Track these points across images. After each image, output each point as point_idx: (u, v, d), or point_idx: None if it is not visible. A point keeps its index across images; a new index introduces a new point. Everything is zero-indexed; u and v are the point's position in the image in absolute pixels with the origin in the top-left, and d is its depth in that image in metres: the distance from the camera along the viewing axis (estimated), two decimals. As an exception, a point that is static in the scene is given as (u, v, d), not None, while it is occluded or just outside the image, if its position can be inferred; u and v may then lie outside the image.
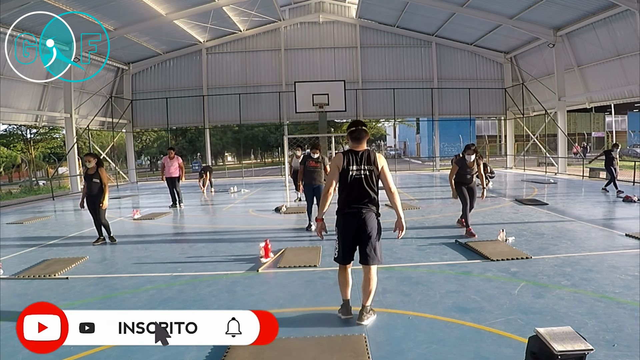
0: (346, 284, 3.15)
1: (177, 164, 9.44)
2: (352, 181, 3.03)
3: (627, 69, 13.54)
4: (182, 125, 20.70)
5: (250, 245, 5.63)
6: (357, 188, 3.03)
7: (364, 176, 3.03)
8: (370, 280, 3.06)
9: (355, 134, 3.07)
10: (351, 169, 3.02)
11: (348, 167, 3.02)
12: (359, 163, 3.03)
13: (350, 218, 3.05)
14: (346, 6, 19.65)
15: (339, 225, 3.10)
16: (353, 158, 3.03)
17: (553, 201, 9.01)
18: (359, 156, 3.04)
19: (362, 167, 3.02)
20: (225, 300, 3.68)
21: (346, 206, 3.06)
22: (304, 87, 16.18)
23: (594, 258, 4.52)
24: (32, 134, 27.10)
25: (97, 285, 4.25)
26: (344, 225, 3.06)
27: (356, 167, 3.02)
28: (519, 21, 15.25)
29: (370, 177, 3.05)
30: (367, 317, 3.05)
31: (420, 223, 6.91)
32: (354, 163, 3.02)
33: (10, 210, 11.18)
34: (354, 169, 3.02)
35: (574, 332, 2.24)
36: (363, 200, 3.05)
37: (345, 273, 3.13)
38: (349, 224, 3.05)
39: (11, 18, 10.52)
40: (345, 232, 3.05)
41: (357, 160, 3.03)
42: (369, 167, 3.04)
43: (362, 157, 3.04)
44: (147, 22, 15.36)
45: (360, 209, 3.05)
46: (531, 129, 19.62)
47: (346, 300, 3.16)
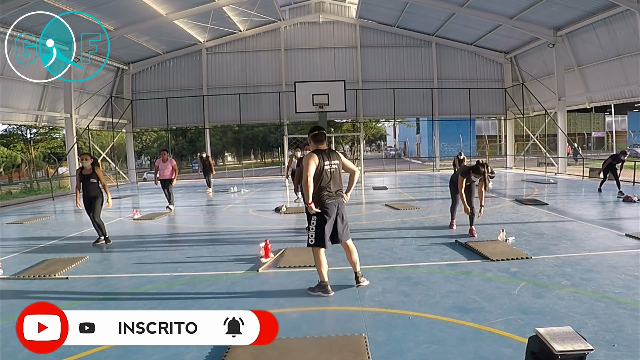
0: (325, 266, 3.65)
1: (171, 166, 9.32)
2: (329, 174, 3.57)
3: (627, 69, 13.54)
4: (182, 125, 20.72)
5: (250, 245, 5.63)
6: (333, 180, 3.60)
7: (334, 169, 3.61)
8: (353, 250, 3.78)
9: (318, 137, 3.65)
10: (326, 165, 3.55)
11: (323, 163, 3.54)
12: (330, 159, 3.59)
13: (333, 206, 3.60)
14: (346, 6, 19.65)
15: (320, 213, 3.55)
16: (325, 155, 3.57)
17: (553, 201, 9.01)
18: (327, 154, 3.60)
19: (332, 162, 3.60)
20: (225, 300, 3.68)
21: (327, 196, 3.57)
22: (304, 87, 16.18)
23: (594, 258, 4.52)
24: (32, 134, 27.08)
25: (97, 285, 4.25)
26: (328, 212, 3.57)
27: (329, 162, 3.57)
28: (519, 21, 15.25)
29: (338, 170, 3.66)
30: (363, 279, 3.81)
31: (420, 223, 6.91)
32: (326, 159, 3.56)
33: (10, 210, 11.18)
34: (327, 164, 3.56)
35: (574, 332, 2.24)
36: (337, 190, 3.65)
37: (323, 256, 3.64)
38: (332, 210, 3.59)
39: (11, 18, 10.52)
40: (329, 217, 3.57)
41: (328, 157, 3.59)
42: (337, 162, 3.64)
43: (330, 154, 3.62)
44: (147, 22, 15.36)
45: (337, 197, 3.64)
46: (531, 129, 19.62)
47: (325, 281, 3.64)
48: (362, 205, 9.74)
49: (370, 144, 55.62)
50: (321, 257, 3.62)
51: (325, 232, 3.57)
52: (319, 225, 3.56)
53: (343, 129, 25.81)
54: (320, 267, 3.63)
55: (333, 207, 3.59)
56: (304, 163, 3.52)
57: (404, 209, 8.39)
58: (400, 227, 6.63)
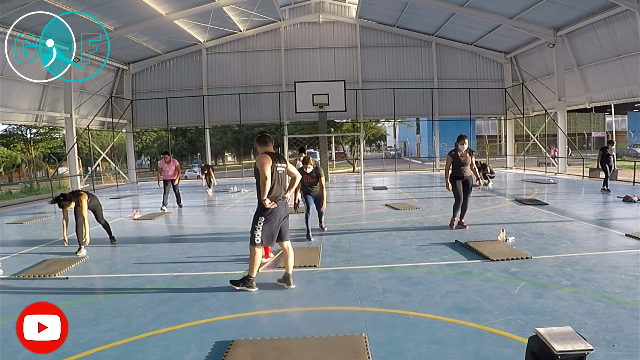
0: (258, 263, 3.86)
1: (174, 167, 9.44)
2: (279, 175, 3.77)
3: (627, 69, 13.54)
4: (182, 125, 20.73)
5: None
6: (281, 181, 3.81)
7: (282, 172, 3.81)
8: (290, 251, 3.96)
9: (263, 139, 3.84)
10: (278, 166, 3.75)
11: (275, 164, 3.73)
12: (279, 161, 3.78)
13: (281, 206, 3.80)
14: (346, 6, 19.65)
15: (269, 212, 3.72)
16: (275, 157, 3.76)
17: (553, 201, 9.01)
18: (276, 156, 3.79)
19: (281, 165, 3.79)
20: (225, 300, 3.68)
21: (277, 196, 3.76)
22: (304, 87, 16.18)
23: (594, 258, 4.52)
24: (32, 134, 27.09)
25: (97, 285, 4.25)
26: (277, 211, 3.74)
27: (279, 164, 3.77)
28: (519, 21, 15.25)
29: (285, 173, 3.87)
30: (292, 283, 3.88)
31: (420, 223, 6.91)
32: (277, 161, 3.76)
33: (10, 210, 11.18)
34: (278, 165, 3.75)
35: (574, 332, 2.24)
36: (283, 191, 3.85)
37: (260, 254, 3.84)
38: (279, 210, 3.77)
39: (11, 18, 10.52)
40: (278, 216, 3.76)
41: (278, 159, 3.78)
42: (284, 165, 3.85)
43: (278, 157, 3.82)
44: (147, 22, 15.36)
45: (284, 198, 3.85)
46: (531, 129, 19.62)
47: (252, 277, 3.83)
48: (362, 205, 9.74)
49: (370, 144, 55.57)
50: (258, 255, 3.82)
51: (272, 231, 3.76)
52: (268, 224, 3.72)
53: (343, 129, 25.80)
54: (254, 263, 3.80)
55: (281, 207, 3.79)
56: (260, 163, 3.68)
57: (404, 209, 8.38)
58: (400, 227, 6.63)
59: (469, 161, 6.11)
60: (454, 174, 6.18)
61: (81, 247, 5.53)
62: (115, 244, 6.05)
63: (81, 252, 5.48)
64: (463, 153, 6.10)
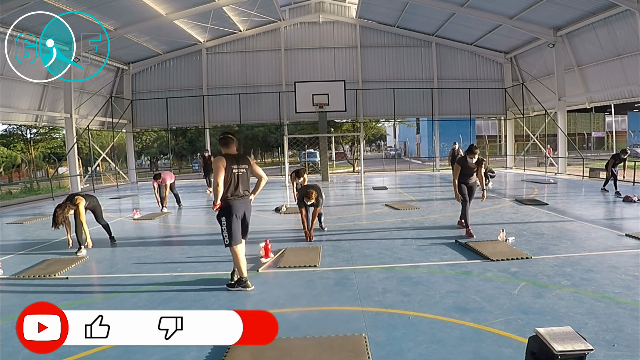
0: (243, 262, 3.88)
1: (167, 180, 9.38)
2: (237, 177, 3.81)
3: (627, 69, 13.53)
4: (182, 125, 20.74)
5: (250, 245, 5.61)
6: (241, 182, 3.84)
7: (242, 173, 3.85)
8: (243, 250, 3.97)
9: (224, 141, 3.88)
10: (234, 168, 3.80)
11: (231, 166, 3.78)
12: (238, 163, 3.83)
13: (239, 205, 3.85)
14: (346, 6, 19.64)
15: (228, 213, 3.80)
16: (233, 159, 3.81)
17: (553, 201, 9.01)
18: (235, 158, 3.84)
19: (240, 166, 3.84)
20: (225, 300, 3.68)
21: (235, 196, 3.82)
22: (304, 87, 16.18)
23: (594, 258, 4.52)
24: (32, 134, 27.08)
25: (97, 285, 4.25)
26: (236, 211, 3.82)
27: (236, 166, 3.81)
28: (519, 21, 15.25)
29: (246, 174, 3.90)
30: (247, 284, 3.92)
31: (420, 223, 6.91)
32: (234, 163, 3.81)
33: (10, 210, 11.18)
34: (235, 167, 3.80)
35: (574, 332, 2.24)
36: (244, 191, 3.89)
37: (241, 253, 3.88)
38: (238, 209, 3.84)
39: (11, 18, 10.51)
40: (237, 216, 3.83)
41: (236, 161, 3.83)
42: (245, 166, 3.88)
43: (239, 158, 3.87)
44: (147, 22, 15.35)
45: (244, 197, 3.89)
46: (531, 129, 19.61)
47: (245, 277, 3.89)
48: (362, 205, 9.74)
49: (370, 144, 55.57)
50: (239, 254, 3.86)
51: (235, 230, 3.84)
52: (228, 224, 3.81)
53: (343, 129, 25.79)
54: (239, 263, 3.86)
55: (239, 206, 3.86)
56: (214, 167, 3.76)
57: (404, 209, 8.38)
58: (400, 227, 6.63)
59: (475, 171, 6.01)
60: (459, 180, 6.06)
61: (81, 247, 5.53)
62: (115, 244, 6.05)
63: (81, 252, 5.47)
64: (472, 165, 5.95)
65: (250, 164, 3.95)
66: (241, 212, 3.87)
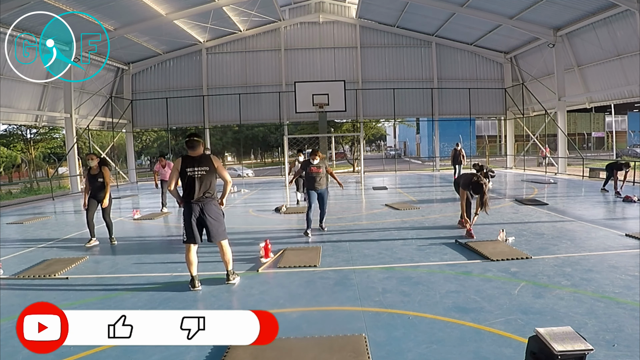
0: (192, 263, 3.91)
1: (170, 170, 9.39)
2: (192, 179, 3.80)
3: (627, 69, 13.54)
4: (182, 125, 20.73)
5: (250, 245, 5.63)
6: (197, 184, 3.81)
7: (201, 175, 3.82)
8: (224, 251, 3.99)
9: (188, 143, 3.87)
10: (189, 170, 3.80)
11: (186, 169, 3.80)
12: (197, 166, 3.81)
13: (196, 207, 3.84)
14: (346, 6, 19.65)
15: (185, 213, 3.88)
16: (191, 162, 3.82)
17: (553, 201, 9.01)
18: (196, 160, 3.83)
19: (198, 168, 3.81)
20: (225, 300, 3.68)
21: (190, 198, 3.83)
22: (304, 87, 16.18)
23: (594, 258, 4.52)
24: (32, 134, 27.07)
25: (97, 285, 4.25)
26: (189, 213, 3.85)
27: (192, 169, 3.80)
28: (519, 21, 15.25)
29: (207, 176, 3.84)
30: (233, 277, 4.05)
31: (420, 223, 6.91)
32: (190, 166, 3.80)
33: (10, 210, 11.17)
34: (190, 170, 3.80)
35: (574, 332, 2.24)
36: (205, 193, 3.85)
37: (191, 252, 3.90)
38: (194, 211, 3.84)
39: (11, 18, 10.52)
40: (190, 218, 3.84)
41: (197, 163, 3.82)
42: (205, 168, 3.84)
43: (199, 160, 3.83)
44: (147, 22, 15.36)
45: (203, 199, 3.84)
46: (531, 129, 19.62)
47: (193, 275, 3.91)
48: (362, 205, 9.73)
49: (370, 144, 55.55)
50: (188, 254, 3.90)
51: (190, 230, 3.84)
52: (185, 224, 3.87)
53: (343, 129, 25.79)
54: (188, 264, 3.92)
55: (196, 208, 3.83)
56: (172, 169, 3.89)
57: (404, 209, 8.38)
58: (400, 227, 6.63)
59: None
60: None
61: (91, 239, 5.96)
62: (114, 245, 6.04)
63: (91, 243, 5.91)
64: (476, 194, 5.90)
65: (213, 166, 3.87)
66: (197, 213, 3.84)
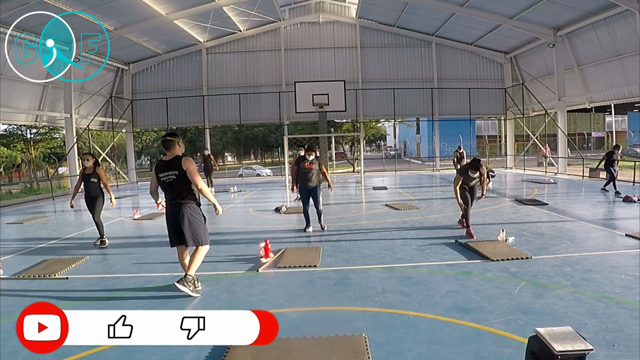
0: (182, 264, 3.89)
1: None
2: (165, 184, 3.71)
3: (627, 69, 13.54)
4: (182, 125, 20.76)
5: (250, 245, 5.63)
6: (169, 189, 3.70)
7: (171, 180, 3.67)
8: (195, 254, 3.80)
9: (163, 144, 3.77)
10: (160, 176, 3.70)
11: (158, 174, 3.71)
12: (167, 169, 3.68)
13: (169, 211, 3.75)
14: (346, 6, 19.65)
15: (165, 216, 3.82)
16: (162, 167, 3.71)
17: (553, 201, 9.01)
18: (166, 164, 3.69)
19: (167, 173, 3.68)
20: (225, 300, 3.68)
21: (167, 203, 3.78)
22: (304, 87, 16.18)
23: (594, 258, 4.52)
24: (32, 134, 27.07)
25: (97, 285, 4.25)
26: (166, 217, 3.79)
27: (163, 173, 3.69)
28: (519, 21, 15.25)
29: (177, 180, 3.67)
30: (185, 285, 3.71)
31: (420, 223, 6.91)
32: (162, 170, 3.70)
33: (10, 210, 11.18)
34: (161, 175, 3.70)
35: (574, 332, 2.24)
36: (176, 198, 3.70)
37: (180, 256, 3.89)
38: (169, 214, 3.75)
39: (11, 18, 10.52)
40: (168, 222, 3.78)
41: (165, 167, 3.69)
42: (174, 172, 3.66)
43: (169, 164, 3.68)
44: (147, 22, 15.36)
45: (174, 204, 3.71)
46: (531, 129, 19.62)
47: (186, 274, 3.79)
48: (362, 205, 9.74)
49: (370, 144, 55.56)
50: (178, 257, 3.91)
51: (169, 233, 3.81)
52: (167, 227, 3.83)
53: (343, 129, 25.80)
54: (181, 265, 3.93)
55: (171, 211, 3.73)
56: None
57: (404, 209, 8.38)
58: (400, 227, 6.63)
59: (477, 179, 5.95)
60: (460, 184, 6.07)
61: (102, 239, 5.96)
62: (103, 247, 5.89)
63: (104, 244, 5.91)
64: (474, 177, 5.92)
65: (182, 170, 3.62)
66: (171, 217, 3.74)
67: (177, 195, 3.69)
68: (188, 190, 3.70)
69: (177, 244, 3.82)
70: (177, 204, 3.70)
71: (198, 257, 3.79)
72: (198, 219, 3.75)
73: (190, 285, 3.73)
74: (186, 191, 3.70)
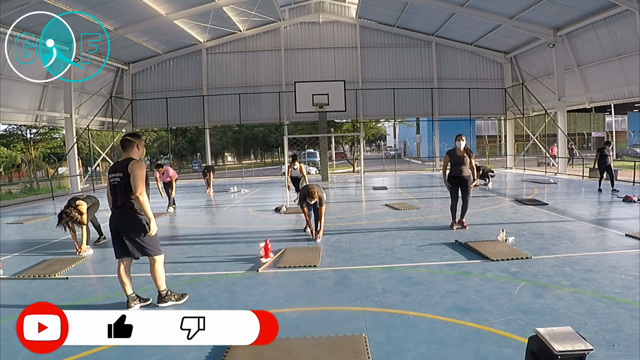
0: (123, 282, 3.45)
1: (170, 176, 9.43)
2: (111, 187, 3.40)
3: (627, 69, 13.54)
4: (182, 125, 20.78)
5: (250, 245, 5.63)
6: (115, 193, 3.37)
7: (117, 183, 3.33)
8: (153, 270, 3.48)
9: (121, 144, 3.45)
10: (110, 177, 3.40)
11: (109, 175, 3.42)
12: (115, 171, 3.36)
13: (113, 217, 3.41)
14: (346, 6, 19.66)
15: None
16: (112, 167, 3.43)
17: (553, 201, 9.01)
18: (115, 166, 3.41)
19: (116, 174, 3.34)
20: (225, 300, 3.68)
21: (112, 209, 3.43)
22: (304, 87, 16.18)
23: (594, 258, 4.52)
24: (32, 134, 27.08)
25: (97, 285, 4.25)
26: (110, 226, 3.44)
27: (112, 175, 3.38)
28: (519, 21, 15.26)
29: (121, 183, 3.31)
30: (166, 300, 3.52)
31: (420, 223, 6.91)
32: (111, 172, 3.40)
33: (10, 210, 11.17)
34: (111, 177, 3.39)
35: (574, 332, 2.24)
36: (119, 204, 3.35)
37: (120, 270, 3.43)
38: (112, 222, 3.40)
39: (11, 18, 10.52)
40: (111, 231, 3.44)
41: (114, 168, 3.40)
42: (119, 174, 3.32)
43: (119, 165, 3.36)
44: (147, 22, 15.36)
45: (117, 212, 3.37)
46: (531, 129, 19.62)
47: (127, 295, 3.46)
48: (362, 205, 9.74)
49: (370, 144, 55.62)
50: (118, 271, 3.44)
51: (113, 244, 3.45)
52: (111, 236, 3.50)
53: (343, 129, 25.79)
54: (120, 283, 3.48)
55: (113, 218, 3.40)
56: None
57: (404, 209, 8.39)
58: (400, 227, 6.63)
59: (467, 160, 6.10)
60: (451, 173, 6.23)
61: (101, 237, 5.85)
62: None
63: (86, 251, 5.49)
64: (460, 152, 6.12)
65: (127, 173, 3.27)
66: (114, 225, 3.39)
67: (121, 200, 3.31)
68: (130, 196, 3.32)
69: (121, 255, 3.42)
70: (119, 211, 3.34)
71: (157, 269, 3.47)
72: (142, 228, 3.34)
73: (171, 297, 3.55)
74: (128, 197, 3.31)
